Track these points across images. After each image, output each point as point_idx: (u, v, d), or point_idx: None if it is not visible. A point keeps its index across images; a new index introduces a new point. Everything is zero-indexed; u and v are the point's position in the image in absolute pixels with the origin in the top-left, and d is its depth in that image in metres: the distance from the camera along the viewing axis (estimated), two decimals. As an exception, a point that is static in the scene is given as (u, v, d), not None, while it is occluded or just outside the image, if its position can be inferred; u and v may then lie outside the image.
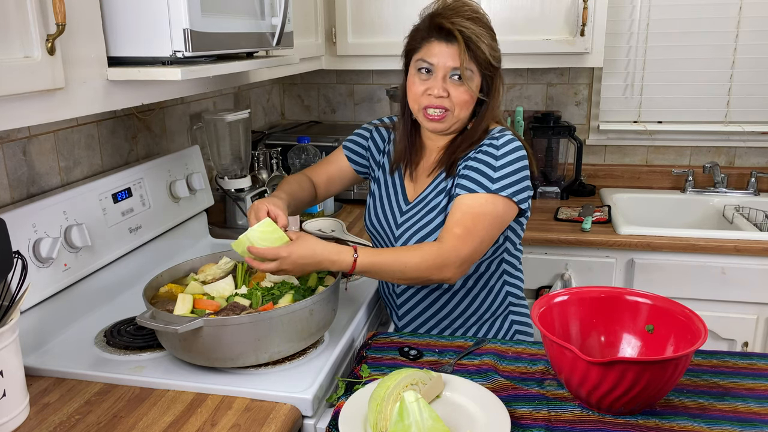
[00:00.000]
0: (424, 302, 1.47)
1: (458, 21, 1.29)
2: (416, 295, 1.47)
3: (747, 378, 1.17)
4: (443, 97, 1.32)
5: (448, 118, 1.34)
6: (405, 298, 1.49)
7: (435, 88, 1.31)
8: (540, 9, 2.21)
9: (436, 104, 1.32)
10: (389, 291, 1.52)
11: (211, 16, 1.15)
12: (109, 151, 1.68)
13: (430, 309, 1.47)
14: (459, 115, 1.34)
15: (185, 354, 1.19)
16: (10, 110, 0.90)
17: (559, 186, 2.57)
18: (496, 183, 1.30)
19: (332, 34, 2.33)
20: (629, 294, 1.20)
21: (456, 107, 1.33)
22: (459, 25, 1.28)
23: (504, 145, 1.33)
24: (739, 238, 2.05)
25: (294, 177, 1.55)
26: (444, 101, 1.32)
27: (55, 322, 1.34)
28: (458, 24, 1.28)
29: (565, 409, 1.08)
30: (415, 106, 1.37)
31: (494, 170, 1.31)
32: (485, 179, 1.30)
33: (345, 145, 1.59)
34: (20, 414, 1.06)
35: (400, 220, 1.45)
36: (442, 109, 1.33)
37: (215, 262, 1.43)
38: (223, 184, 2.06)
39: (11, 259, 1.06)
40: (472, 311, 1.46)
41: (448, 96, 1.32)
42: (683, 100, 2.58)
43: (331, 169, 1.59)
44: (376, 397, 1.00)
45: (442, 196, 1.39)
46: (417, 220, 1.41)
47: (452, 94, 1.32)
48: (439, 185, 1.41)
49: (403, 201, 1.47)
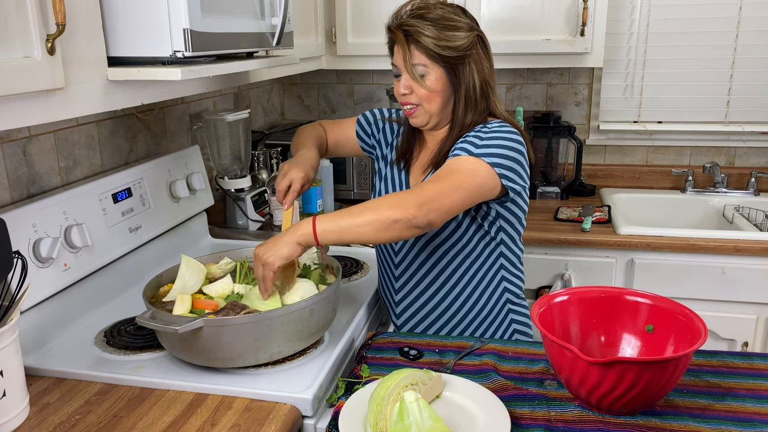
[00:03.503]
0: (421, 299, 1.48)
1: (404, 21, 1.36)
2: (414, 291, 1.48)
3: (747, 378, 1.17)
4: (406, 94, 1.38)
5: (419, 113, 1.39)
6: (403, 295, 1.49)
7: (398, 88, 1.39)
8: (540, 9, 2.21)
9: (405, 101, 1.40)
10: (388, 289, 1.53)
11: (211, 16, 1.15)
12: (109, 151, 1.68)
13: (427, 306, 1.48)
14: (429, 108, 1.38)
15: (185, 354, 1.19)
16: (10, 110, 0.90)
17: (559, 186, 2.57)
18: (480, 149, 1.29)
19: (332, 34, 2.33)
20: (629, 294, 1.20)
21: (423, 101, 1.38)
22: (404, 24, 1.35)
23: (495, 128, 1.34)
24: (739, 238, 2.05)
25: (315, 130, 1.62)
26: (410, 98, 1.38)
27: (55, 322, 1.34)
28: (403, 24, 1.35)
29: (565, 409, 1.08)
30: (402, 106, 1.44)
31: (480, 139, 1.31)
32: (470, 146, 1.30)
33: (359, 121, 1.64)
34: (20, 414, 1.06)
35: None
36: (411, 105, 1.39)
37: (215, 262, 1.43)
38: (223, 184, 2.06)
39: (11, 259, 1.06)
40: (468, 309, 1.47)
41: (412, 92, 1.37)
42: (683, 100, 2.58)
43: (342, 135, 1.65)
44: (376, 397, 1.00)
45: None
46: None
47: (414, 89, 1.37)
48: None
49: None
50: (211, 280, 1.35)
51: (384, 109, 1.64)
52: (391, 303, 1.54)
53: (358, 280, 1.66)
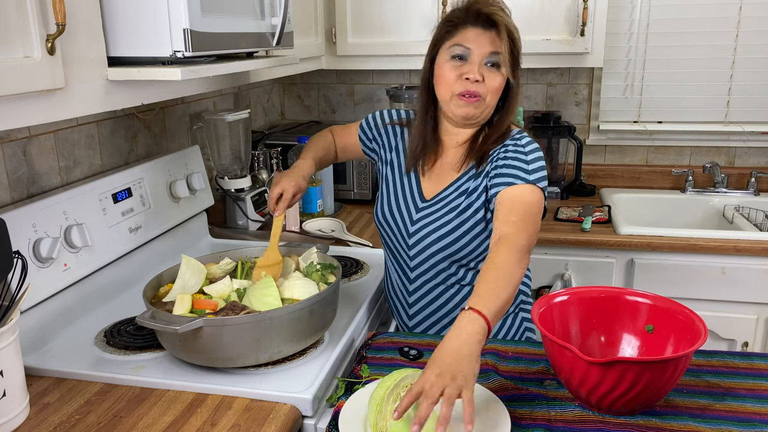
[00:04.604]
0: (437, 300, 1.46)
1: (495, 9, 1.33)
2: (430, 293, 1.46)
3: (747, 378, 1.17)
4: (479, 81, 1.33)
5: (480, 104, 1.36)
6: (418, 297, 1.47)
7: (471, 72, 1.32)
8: (540, 9, 2.21)
9: (472, 89, 1.34)
10: (400, 290, 1.50)
11: (211, 16, 1.15)
12: (109, 151, 1.68)
13: (443, 307, 1.46)
14: (490, 102, 1.36)
15: (185, 354, 1.19)
16: (10, 110, 0.90)
17: (559, 186, 2.57)
18: (532, 174, 1.32)
19: (332, 34, 2.33)
20: (629, 294, 1.20)
21: (489, 93, 1.35)
22: (497, 14, 1.32)
23: (528, 144, 1.37)
24: (739, 238, 2.05)
25: (324, 138, 1.65)
26: (479, 86, 1.33)
27: (55, 322, 1.34)
28: (496, 12, 1.32)
29: (565, 409, 1.08)
30: (447, 93, 1.36)
31: (527, 164, 1.33)
32: (522, 172, 1.33)
33: (361, 125, 1.62)
34: (20, 414, 1.06)
35: (415, 217, 1.44)
36: (476, 95, 1.34)
37: (215, 262, 1.43)
38: (223, 184, 2.06)
39: (11, 259, 1.06)
40: None
41: (483, 81, 1.34)
42: (683, 100, 2.58)
43: (348, 140, 1.65)
44: (376, 397, 1.00)
45: (463, 198, 1.39)
46: (434, 219, 1.41)
47: (487, 79, 1.34)
48: (462, 186, 1.40)
49: (419, 198, 1.46)
50: (211, 280, 1.35)
51: (386, 111, 1.61)
52: (403, 304, 1.51)
53: (358, 280, 1.66)
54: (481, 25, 1.33)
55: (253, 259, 1.46)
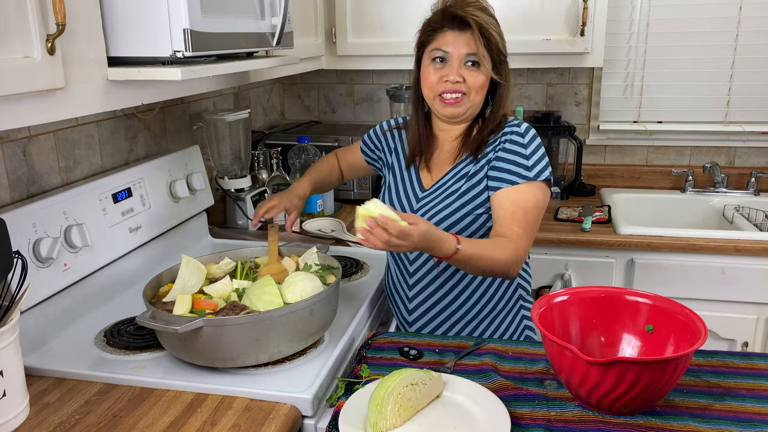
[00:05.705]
0: (436, 295, 1.47)
1: (470, 10, 1.36)
2: (429, 287, 1.48)
3: (747, 378, 1.17)
4: (459, 82, 1.37)
5: (463, 102, 1.40)
6: (417, 291, 1.49)
7: (451, 74, 1.38)
8: (540, 9, 2.21)
9: (452, 89, 1.38)
10: (401, 285, 1.52)
11: (211, 16, 1.15)
12: (109, 151, 1.68)
13: (441, 302, 1.47)
14: (474, 99, 1.40)
15: (185, 354, 1.19)
16: (10, 110, 0.90)
17: (559, 186, 2.57)
18: (532, 170, 1.36)
19: (332, 34, 2.33)
20: (629, 294, 1.20)
21: (472, 91, 1.39)
22: (471, 14, 1.35)
23: (527, 132, 1.41)
24: (739, 238, 2.05)
25: (326, 161, 1.75)
26: (460, 86, 1.38)
27: (55, 322, 1.34)
28: (470, 13, 1.35)
29: (565, 409, 1.08)
30: (431, 94, 1.42)
31: (527, 158, 1.37)
32: (522, 168, 1.36)
33: (363, 140, 1.69)
34: (20, 414, 1.06)
35: (416, 206, 1.47)
36: (459, 93, 1.39)
37: (215, 262, 1.43)
38: (223, 184, 2.06)
39: (11, 259, 1.06)
40: (483, 305, 1.47)
41: (464, 81, 1.38)
42: (683, 100, 2.58)
43: (352, 159, 1.73)
44: (376, 397, 1.00)
45: (463, 181, 1.42)
46: (434, 205, 1.44)
47: (467, 78, 1.38)
48: (461, 171, 1.44)
49: (419, 189, 1.50)
50: (211, 280, 1.35)
51: (384, 122, 1.66)
52: (403, 300, 1.52)
53: (358, 280, 1.66)
54: (457, 28, 1.37)
55: (253, 259, 1.47)
